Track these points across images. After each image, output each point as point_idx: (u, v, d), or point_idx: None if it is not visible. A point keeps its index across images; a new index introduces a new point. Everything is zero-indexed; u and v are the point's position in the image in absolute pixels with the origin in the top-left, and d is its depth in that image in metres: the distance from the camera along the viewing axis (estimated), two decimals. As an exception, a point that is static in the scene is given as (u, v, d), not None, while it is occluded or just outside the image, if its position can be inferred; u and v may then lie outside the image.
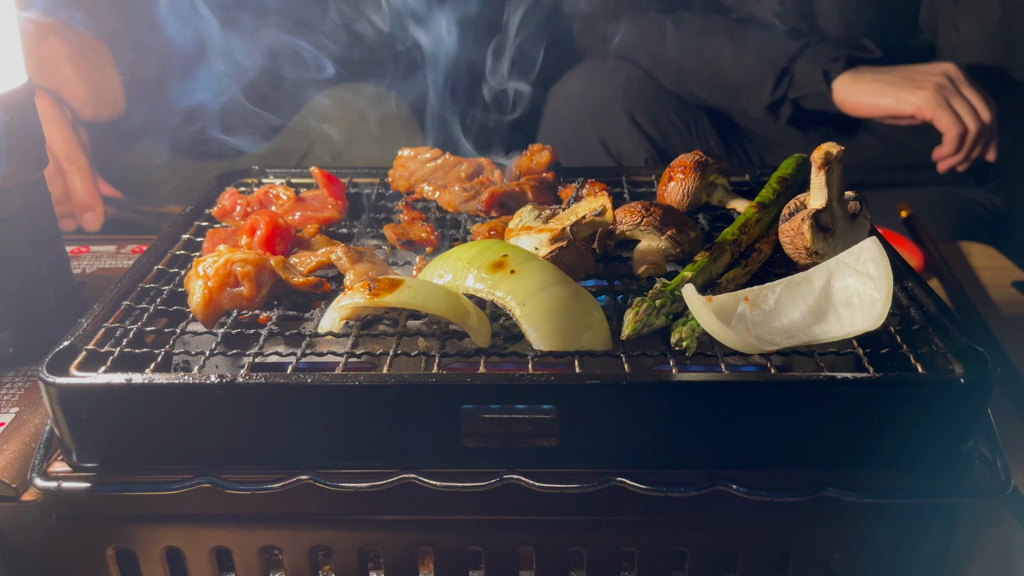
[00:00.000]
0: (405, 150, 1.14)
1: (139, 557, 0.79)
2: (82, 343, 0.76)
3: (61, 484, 0.73)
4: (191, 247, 0.99)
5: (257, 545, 0.79)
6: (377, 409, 0.71)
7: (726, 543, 0.78)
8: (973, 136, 1.57)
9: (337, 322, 0.80)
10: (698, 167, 1.01)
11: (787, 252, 0.89)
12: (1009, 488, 0.71)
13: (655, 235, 0.92)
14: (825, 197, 0.85)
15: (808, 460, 0.72)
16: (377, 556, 0.81)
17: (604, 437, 0.71)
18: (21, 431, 0.82)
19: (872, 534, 0.77)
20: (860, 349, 0.75)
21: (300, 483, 0.72)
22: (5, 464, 0.78)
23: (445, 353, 0.77)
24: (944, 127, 1.57)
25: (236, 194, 1.08)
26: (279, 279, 0.87)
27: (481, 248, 0.83)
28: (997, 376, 0.70)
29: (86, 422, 0.71)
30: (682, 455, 0.72)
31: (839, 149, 0.84)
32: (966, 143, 1.59)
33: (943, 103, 1.56)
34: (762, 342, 0.74)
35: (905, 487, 0.72)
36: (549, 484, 0.71)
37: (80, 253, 1.23)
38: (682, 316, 0.78)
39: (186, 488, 0.72)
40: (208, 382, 0.70)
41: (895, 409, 0.70)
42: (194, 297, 0.83)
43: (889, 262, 0.75)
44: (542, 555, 0.79)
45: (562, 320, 0.76)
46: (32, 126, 0.93)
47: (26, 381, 0.91)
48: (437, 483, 0.71)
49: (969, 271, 1.38)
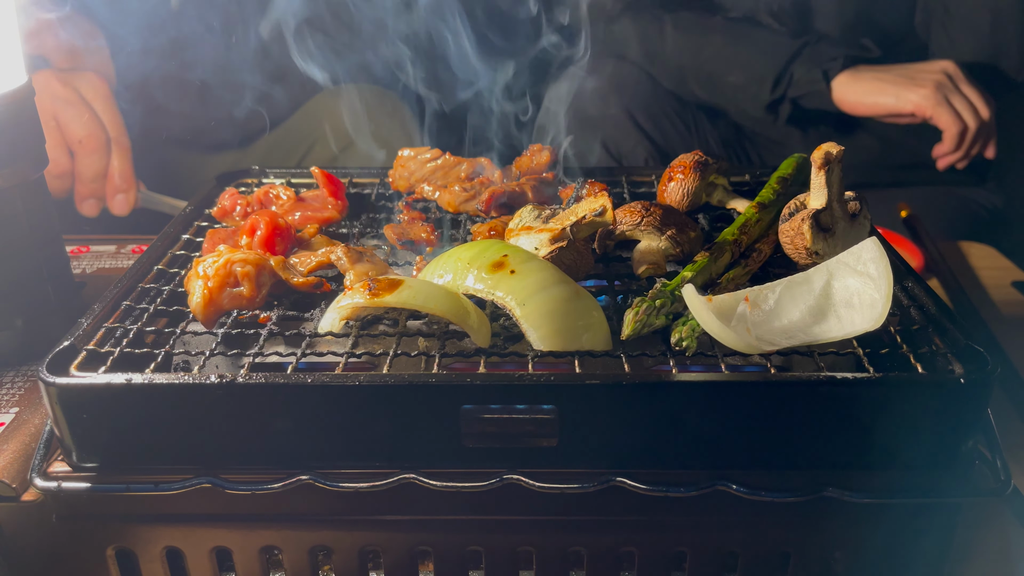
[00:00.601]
0: (405, 150, 1.14)
1: (139, 557, 0.79)
2: (82, 343, 0.76)
3: (61, 484, 0.73)
4: (191, 247, 0.99)
5: (257, 545, 0.79)
6: (377, 409, 0.71)
7: (726, 543, 0.78)
8: (972, 133, 1.58)
9: (337, 322, 0.80)
10: (698, 167, 1.01)
11: (787, 252, 0.89)
12: (1009, 488, 0.71)
13: (655, 235, 0.92)
14: (825, 197, 0.85)
15: (808, 460, 0.72)
16: (377, 556, 0.81)
17: (604, 437, 0.71)
18: (21, 431, 0.82)
19: (872, 534, 0.77)
20: (860, 349, 0.75)
21: (300, 483, 0.72)
22: (5, 464, 0.78)
23: (445, 353, 0.77)
24: (944, 124, 1.58)
25: (236, 194, 1.08)
26: (279, 279, 0.87)
27: (481, 248, 0.83)
28: (997, 376, 0.70)
29: (86, 422, 0.71)
30: (682, 455, 0.72)
31: (839, 149, 0.84)
32: (966, 140, 1.59)
33: (943, 101, 1.56)
34: (762, 342, 0.74)
35: (905, 487, 0.72)
36: (549, 484, 0.71)
37: (80, 253, 1.23)
38: (682, 316, 0.78)
39: (186, 488, 0.72)
40: (208, 382, 0.70)
41: (895, 409, 0.70)
42: (194, 297, 0.83)
43: (889, 262, 0.75)
44: (542, 555, 0.79)
45: (562, 320, 0.76)
46: (32, 126, 0.93)
47: (26, 381, 0.91)
48: (437, 483, 0.71)
49: (969, 271, 1.38)
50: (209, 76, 1.33)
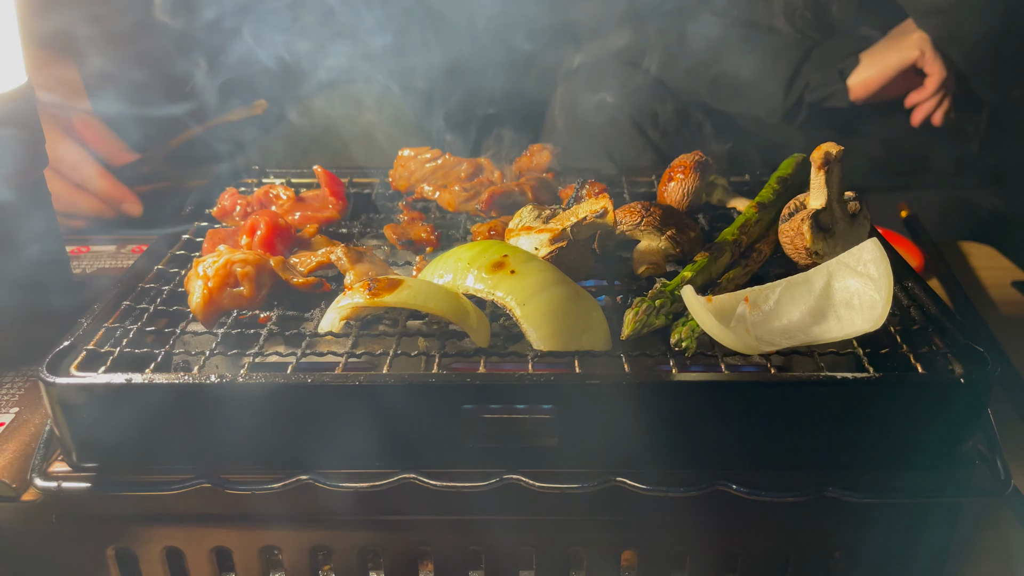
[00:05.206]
0: (405, 150, 1.14)
1: (139, 557, 0.79)
2: (82, 343, 0.76)
3: (61, 484, 0.72)
4: (191, 247, 0.99)
5: (257, 545, 0.79)
6: (377, 409, 0.71)
7: (726, 543, 0.78)
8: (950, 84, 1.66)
9: (337, 322, 0.80)
10: (698, 167, 1.01)
11: (787, 252, 0.89)
12: (1009, 488, 0.71)
13: (655, 235, 0.92)
14: (825, 197, 0.85)
15: (808, 460, 0.72)
16: (377, 556, 0.81)
17: (604, 437, 0.71)
18: (21, 431, 0.82)
19: (872, 534, 0.77)
20: (860, 349, 0.75)
21: (300, 483, 0.72)
22: (5, 464, 0.78)
23: (445, 353, 0.77)
24: (936, 68, 1.65)
25: (236, 194, 1.08)
26: (279, 279, 0.87)
27: (481, 248, 0.83)
28: (997, 376, 0.70)
29: (86, 422, 0.71)
30: (682, 455, 0.72)
31: (839, 149, 0.84)
32: (944, 89, 1.67)
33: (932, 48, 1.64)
34: (761, 342, 0.74)
35: (905, 487, 0.72)
36: (549, 484, 0.71)
37: (80, 253, 1.23)
38: (682, 316, 0.78)
39: (186, 488, 0.72)
40: (208, 382, 0.70)
41: (895, 409, 0.70)
42: (194, 297, 0.83)
43: (889, 263, 0.75)
44: (542, 555, 0.79)
45: (562, 320, 0.76)
46: (32, 126, 0.93)
47: (26, 381, 0.91)
48: (437, 483, 0.71)
49: (969, 271, 1.38)
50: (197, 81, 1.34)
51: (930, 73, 1.65)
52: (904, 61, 1.66)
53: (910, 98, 1.70)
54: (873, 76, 1.68)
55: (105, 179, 1.39)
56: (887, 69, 1.67)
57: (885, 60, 1.67)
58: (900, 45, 1.66)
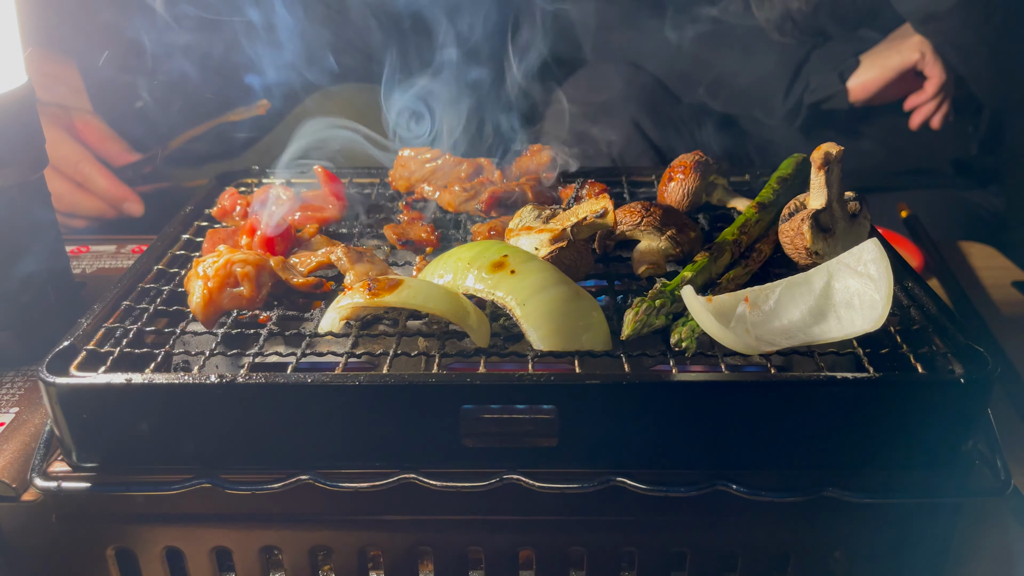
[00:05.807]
0: (405, 150, 1.14)
1: (139, 557, 0.79)
2: (82, 343, 0.76)
3: (61, 484, 0.72)
4: (191, 247, 0.99)
5: (257, 545, 0.79)
6: (377, 409, 0.71)
7: (726, 543, 0.78)
8: (949, 87, 1.66)
9: (337, 322, 0.80)
10: (698, 167, 1.01)
11: (787, 252, 0.89)
12: (1009, 488, 0.71)
13: (655, 235, 0.92)
14: (825, 197, 0.85)
15: (808, 460, 0.72)
16: (377, 556, 0.81)
17: (604, 437, 0.71)
18: (21, 431, 0.82)
19: (872, 534, 0.77)
20: (860, 349, 0.75)
21: (300, 483, 0.72)
22: (5, 464, 0.78)
23: (445, 353, 0.77)
24: (936, 71, 1.65)
25: (236, 194, 1.08)
26: (279, 279, 0.87)
27: (481, 248, 0.83)
28: (997, 376, 0.70)
29: (86, 422, 0.71)
30: (682, 455, 0.72)
31: (839, 149, 0.84)
32: (944, 92, 1.67)
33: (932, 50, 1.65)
34: (761, 343, 0.74)
35: (905, 487, 0.72)
36: (549, 484, 0.71)
37: (80, 253, 1.23)
38: (682, 316, 0.78)
39: (186, 488, 0.72)
40: (208, 382, 0.70)
41: (895, 409, 0.70)
42: (194, 297, 0.83)
43: (889, 263, 0.75)
44: (542, 555, 0.79)
45: (562, 320, 0.76)
46: (32, 126, 0.93)
47: (26, 381, 0.91)
48: (437, 483, 0.71)
49: (969, 271, 1.38)
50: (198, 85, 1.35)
51: (930, 76, 1.66)
52: (904, 63, 1.66)
53: (909, 100, 1.70)
54: (873, 78, 1.68)
55: (106, 179, 1.40)
56: (887, 71, 1.67)
57: (885, 62, 1.67)
58: (900, 47, 1.66)
